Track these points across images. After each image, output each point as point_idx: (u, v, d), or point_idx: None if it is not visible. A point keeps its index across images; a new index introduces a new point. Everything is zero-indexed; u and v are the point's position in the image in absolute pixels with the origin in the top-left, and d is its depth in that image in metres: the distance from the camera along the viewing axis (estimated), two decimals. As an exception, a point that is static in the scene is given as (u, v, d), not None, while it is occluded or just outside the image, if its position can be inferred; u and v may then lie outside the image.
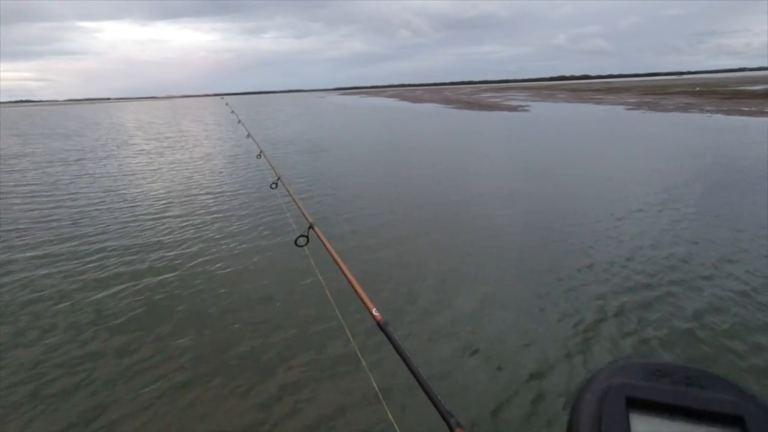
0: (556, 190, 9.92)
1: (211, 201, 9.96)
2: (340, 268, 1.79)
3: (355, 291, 1.55)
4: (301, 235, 2.30)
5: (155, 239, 7.43)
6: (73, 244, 7.35)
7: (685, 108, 31.67)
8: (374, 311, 1.40)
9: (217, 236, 7.47)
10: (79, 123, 45.21)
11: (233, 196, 10.30)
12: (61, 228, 8.28)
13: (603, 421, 0.50)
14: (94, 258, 6.64)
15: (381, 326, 1.34)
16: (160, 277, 5.86)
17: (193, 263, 6.31)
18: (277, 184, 3.84)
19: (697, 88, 55.94)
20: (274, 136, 23.83)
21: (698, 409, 0.50)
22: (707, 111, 28.61)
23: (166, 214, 9.00)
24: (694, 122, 23.26)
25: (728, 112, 26.90)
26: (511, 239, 6.96)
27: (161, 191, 11.17)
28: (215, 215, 8.80)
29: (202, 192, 10.94)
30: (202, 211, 9.09)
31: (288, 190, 3.40)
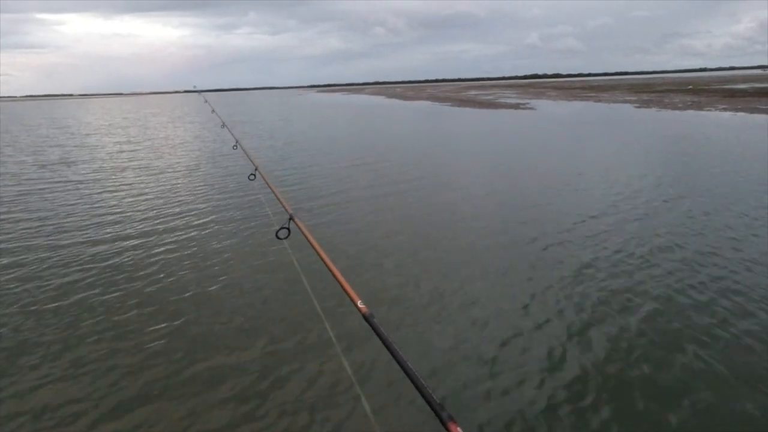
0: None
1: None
2: (322, 259, 1.71)
3: (339, 283, 1.47)
4: (282, 227, 2.16)
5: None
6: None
7: (697, 106, 31.06)
8: (359, 303, 1.34)
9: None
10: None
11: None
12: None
13: None
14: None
15: (366, 318, 1.27)
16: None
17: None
18: (255, 174, 3.56)
19: (690, 86, 56.31)
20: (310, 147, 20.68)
21: None
22: (722, 108, 27.98)
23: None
24: (730, 121, 22.15)
25: (749, 110, 26.27)
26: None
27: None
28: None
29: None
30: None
31: (266, 180, 3.24)
